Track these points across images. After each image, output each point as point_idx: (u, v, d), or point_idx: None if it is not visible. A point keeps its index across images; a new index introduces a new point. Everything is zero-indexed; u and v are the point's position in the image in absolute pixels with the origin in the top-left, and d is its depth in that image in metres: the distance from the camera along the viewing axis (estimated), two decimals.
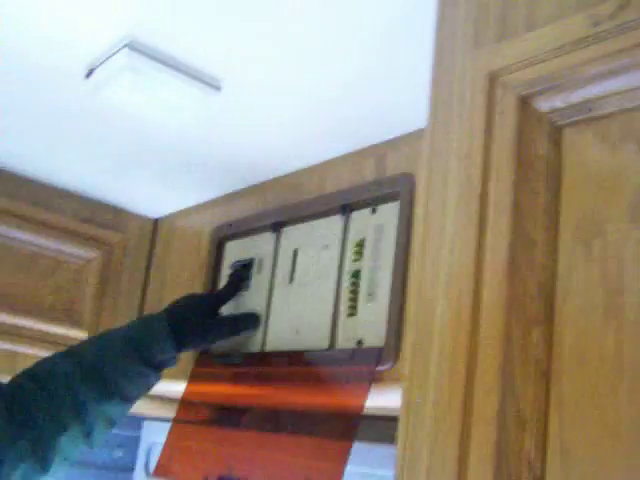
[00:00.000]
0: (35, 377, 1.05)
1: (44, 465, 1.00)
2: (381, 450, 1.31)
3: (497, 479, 0.56)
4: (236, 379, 1.31)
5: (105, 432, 1.08)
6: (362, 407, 1.06)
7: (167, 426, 1.79)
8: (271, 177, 1.33)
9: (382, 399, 1.04)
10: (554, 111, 0.62)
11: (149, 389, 1.15)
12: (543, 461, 0.56)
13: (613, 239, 0.56)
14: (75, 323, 1.50)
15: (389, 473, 1.23)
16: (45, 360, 1.09)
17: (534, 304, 0.59)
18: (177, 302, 1.22)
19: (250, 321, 1.25)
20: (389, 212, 1.09)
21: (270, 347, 1.24)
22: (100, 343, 1.12)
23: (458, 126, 0.68)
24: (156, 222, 1.65)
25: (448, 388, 0.61)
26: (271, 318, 1.25)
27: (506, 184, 0.62)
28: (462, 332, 0.61)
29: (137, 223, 1.63)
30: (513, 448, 0.57)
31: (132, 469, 1.88)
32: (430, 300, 0.66)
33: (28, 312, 1.46)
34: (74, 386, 1.04)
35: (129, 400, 1.10)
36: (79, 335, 1.50)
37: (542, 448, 0.56)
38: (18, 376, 1.06)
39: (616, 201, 0.57)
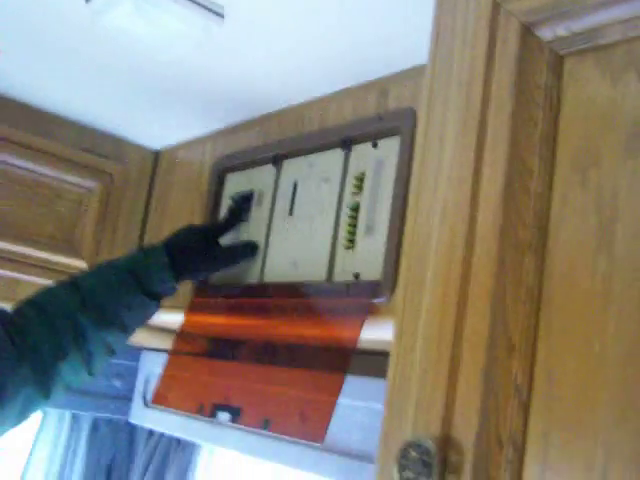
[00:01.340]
0: (37, 305, 1.07)
1: (45, 390, 1.02)
2: (377, 384, 1.33)
3: (485, 403, 0.58)
4: (234, 310, 1.33)
5: (104, 360, 1.11)
6: (357, 340, 1.07)
7: (164, 357, 1.82)
8: (273, 110, 1.32)
9: (378, 332, 1.05)
10: (556, 40, 0.61)
11: (148, 318, 1.17)
12: (530, 386, 0.57)
13: (608, 169, 0.56)
14: (75, 252, 1.51)
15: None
16: (47, 289, 1.11)
17: (528, 231, 0.59)
18: (177, 233, 1.23)
19: (248, 250, 1.27)
20: (390, 147, 1.09)
21: (268, 279, 1.25)
22: (100, 273, 1.14)
23: (460, 54, 0.68)
24: (157, 153, 1.65)
25: (440, 314, 0.62)
26: (270, 250, 1.26)
27: (505, 112, 0.62)
28: (456, 258, 0.62)
29: (138, 154, 1.62)
30: (501, 373, 0.58)
31: (130, 398, 1.92)
32: (426, 227, 0.66)
33: (28, 240, 1.46)
34: (74, 314, 1.06)
35: (128, 329, 1.12)
36: (79, 264, 1.51)
37: (529, 374, 0.57)
38: (20, 304, 1.08)
39: (613, 132, 0.57)
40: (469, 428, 0.58)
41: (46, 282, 1.45)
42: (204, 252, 1.21)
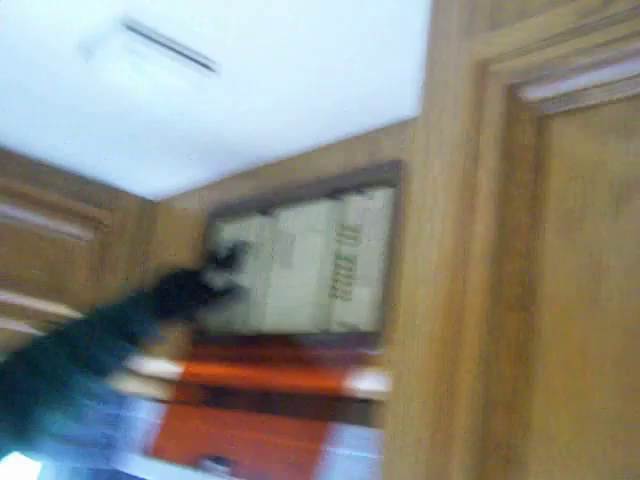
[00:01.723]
0: (22, 355, 1.06)
1: (23, 436, 1.01)
2: (367, 433, 1.32)
3: (473, 462, 0.58)
4: (228, 360, 1.32)
5: (86, 407, 1.09)
6: (347, 389, 1.07)
7: (154, 404, 1.81)
8: (264, 161, 1.34)
9: (372, 383, 1.05)
10: (541, 101, 0.63)
11: (128, 363, 1.16)
12: (525, 446, 0.57)
13: (594, 229, 0.57)
14: (65, 300, 1.51)
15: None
16: (34, 338, 1.10)
17: (515, 289, 0.60)
18: (163, 274, 1.22)
19: (234, 293, 1.27)
20: (380, 197, 1.10)
21: (261, 329, 1.25)
22: (85, 321, 1.13)
23: (448, 114, 0.69)
24: (150, 203, 1.66)
25: (428, 370, 0.63)
26: (262, 300, 1.26)
27: (491, 172, 0.63)
28: (444, 316, 0.62)
29: (131, 203, 1.63)
30: (490, 431, 0.58)
31: (119, 447, 1.90)
32: (415, 283, 0.67)
33: (18, 289, 1.46)
34: (58, 364, 1.05)
35: (108, 373, 1.11)
36: (69, 312, 1.50)
37: (524, 433, 0.57)
38: (7, 354, 1.07)
39: (599, 192, 0.58)
40: None
41: (35, 330, 1.46)
42: (191, 295, 1.21)
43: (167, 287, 1.19)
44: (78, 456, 1.85)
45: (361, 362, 1.04)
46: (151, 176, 1.55)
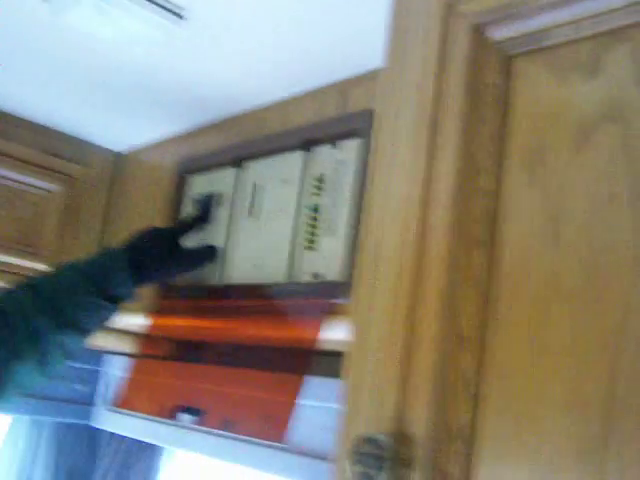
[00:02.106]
0: None
1: None
2: (339, 385, 1.34)
3: (435, 397, 0.59)
4: (197, 313, 1.33)
5: (61, 363, 1.08)
6: (317, 341, 1.08)
7: (126, 360, 1.81)
8: (234, 112, 1.33)
9: (339, 333, 1.05)
10: (506, 40, 0.63)
11: (105, 321, 1.15)
12: (480, 379, 0.58)
13: (555, 166, 0.57)
14: (36, 255, 1.50)
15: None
16: (4, 291, 1.09)
17: (479, 227, 0.60)
18: (139, 236, 1.22)
19: (208, 254, 1.26)
20: (350, 148, 1.10)
21: (230, 280, 1.25)
22: (59, 275, 1.12)
23: (413, 56, 0.69)
24: (119, 155, 1.64)
25: (392, 310, 0.63)
26: (231, 252, 1.26)
27: (456, 112, 0.63)
28: (409, 255, 0.63)
29: (100, 156, 1.62)
30: (452, 365, 0.59)
31: (92, 402, 1.90)
32: (380, 225, 0.67)
33: None
34: (30, 315, 1.04)
35: (85, 332, 1.10)
36: (40, 267, 1.50)
37: (479, 367, 0.58)
38: None
39: (560, 129, 0.58)
40: (420, 421, 0.59)
41: (6, 285, 1.45)
42: (166, 256, 1.20)
43: (142, 247, 1.18)
44: (51, 411, 1.85)
45: (330, 312, 1.04)
46: (121, 129, 1.53)
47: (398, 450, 0.59)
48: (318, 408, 1.33)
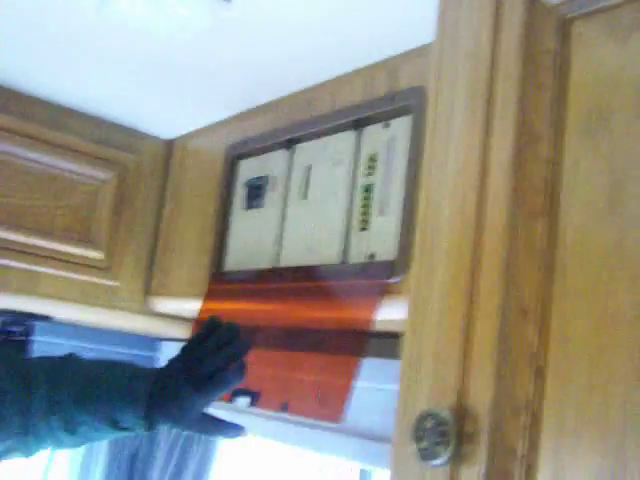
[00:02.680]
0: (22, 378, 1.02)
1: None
2: (395, 366, 1.33)
3: (499, 370, 0.58)
4: (250, 296, 1.33)
5: (47, 448, 1.06)
6: (372, 321, 1.07)
7: (176, 345, 1.83)
8: (284, 94, 1.32)
9: (395, 313, 1.05)
10: (563, 3, 0.61)
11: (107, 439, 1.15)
12: (545, 351, 0.57)
13: (618, 131, 0.56)
14: (91, 244, 1.52)
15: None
16: (33, 366, 1.05)
17: (539, 197, 0.59)
18: (162, 370, 1.07)
19: (232, 431, 1.09)
20: (401, 126, 1.09)
21: (283, 263, 1.25)
22: (83, 397, 1.03)
23: (466, 25, 0.68)
24: (170, 142, 1.65)
25: (453, 284, 0.62)
26: (285, 234, 1.26)
27: (513, 79, 0.62)
28: (468, 227, 0.62)
29: (151, 144, 1.63)
30: (515, 338, 0.57)
31: None
32: (438, 199, 0.66)
33: (44, 232, 1.47)
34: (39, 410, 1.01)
35: (84, 441, 1.06)
36: (95, 255, 1.52)
37: (544, 339, 0.57)
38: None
39: (622, 93, 0.56)
40: (484, 396, 0.58)
41: (64, 274, 1.48)
42: (187, 417, 1.04)
43: (162, 397, 1.02)
44: None
45: (385, 292, 1.03)
46: (171, 116, 1.54)
47: (461, 425, 0.58)
48: (374, 390, 1.32)
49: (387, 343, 1.26)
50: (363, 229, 1.11)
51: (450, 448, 0.58)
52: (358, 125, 1.16)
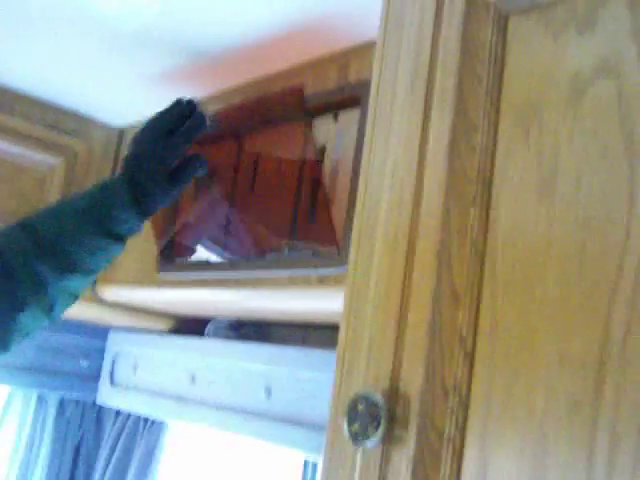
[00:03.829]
0: None
1: (3, 345, 0.96)
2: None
3: (430, 354, 0.59)
4: (202, 284, 1.33)
5: (67, 306, 1.03)
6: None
7: (132, 336, 1.82)
8: (234, 83, 1.32)
9: (340, 303, 1.06)
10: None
11: (112, 260, 1.07)
12: (475, 336, 0.58)
13: (549, 123, 0.57)
14: None
15: None
16: (0, 233, 1.01)
17: (472, 186, 0.60)
18: (133, 160, 1.07)
19: (198, 163, 1.08)
20: (350, 119, 1.10)
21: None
22: (57, 214, 1.03)
23: (409, 18, 0.69)
24: (121, 131, 1.64)
25: (388, 269, 0.63)
26: (233, 224, 1.26)
27: (451, 72, 0.63)
28: (404, 216, 0.63)
29: (102, 131, 1.62)
30: (447, 323, 0.59)
31: (97, 378, 1.91)
32: (376, 189, 0.67)
33: None
34: (32, 263, 0.97)
35: (91, 273, 1.03)
36: None
37: (474, 324, 0.58)
38: None
39: (554, 87, 0.58)
40: (415, 379, 0.59)
41: None
42: (167, 182, 1.05)
43: (141, 175, 1.04)
44: (57, 386, 1.87)
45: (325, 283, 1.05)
46: (121, 104, 1.53)
47: (394, 408, 0.60)
48: (319, 380, 1.33)
49: (332, 335, 1.27)
50: (310, 221, 1.11)
51: (381, 430, 0.59)
52: (308, 117, 1.16)
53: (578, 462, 0.50)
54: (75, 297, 1.03)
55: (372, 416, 0.60)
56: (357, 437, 0.60)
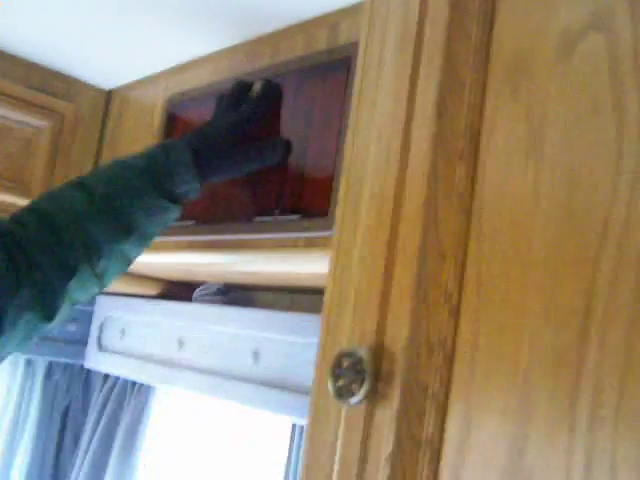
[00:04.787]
0: (41, 214, 0.92)
1: (50, 313, 0.89)
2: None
3: (415, 310, 0.59)
4: (189, 248, 1.32)
5: (120, 272, 0.98)
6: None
7: (120, 300, 1.82)
8: (225, 45, 1.31)
9: (324, 267, 1.06)
10: None
11: (170, 224, 1.03)
12: (460, 292, 0.58)
13: (538, 79, 0.57)
14: (24, 192, 1.49)
15: None
16: (52, 193, 0.96)
17: (460, 142, 0.60)
18: (201, 127, 1.07)
19: (280, 149, 1.08)
20: (340, 80, 1.08)
21: None
22: (114, 174, 0.98)
23: None
24: (109, 93, 1.62)
25: (375, 226, 0.63)
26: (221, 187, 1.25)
27: (440, 27, 0.62)
28: (391, 171, 0.63)
29: (90, 93, 1.60)
30: (432, 279, 0.59)
31: (85, 343, 1.91)
32: (364, 145, 0.67)
33: None
34: (85, 224, 0.91)
35: (148, 237, 0.99)
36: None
37: (460, 280, 0.58)
38: (21, 212, 0.94)
39: (544, 41, 0.57)
40: (400, 335, 0.59)
41: None
42: (233, 149, 1.04)
43: (206, 138, 1.03)
44: (45, 350, 1.86)
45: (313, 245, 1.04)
46: (109, 66, 1.51)
47: (379, 364, 0.60)
48: (307, 345, 1.33)
49: (320, 299, 1.27)
50: (297, 182, 1.11)
51: (366, 387, 0.59)
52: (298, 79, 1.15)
53: (561, 415, 0.50)
54: (128, 263, 0.99)
55: (357, 372, 0.60)
56: (341, 393, 0.60)
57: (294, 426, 1.44)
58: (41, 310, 0.87)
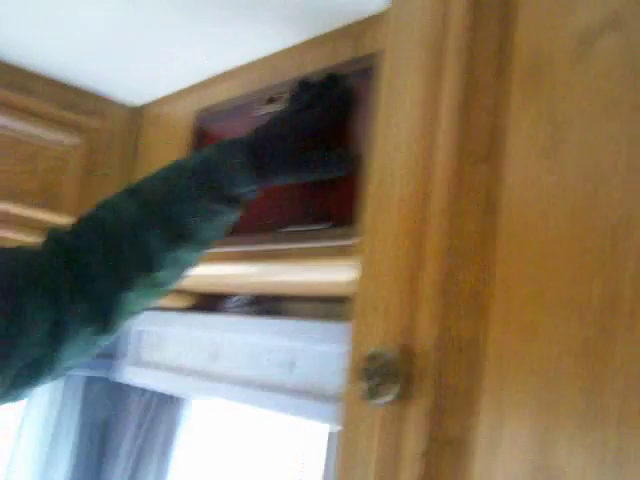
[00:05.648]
0: (96, 224, 0.90)
1: (108, 325, 0.87)
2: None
3: (444, 310, 0.60)
4: (220, 259, 1.34)
5: (178, 280, 0.95)
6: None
7: (154, 314, 1.84)
8: (248, 60, 1.33)
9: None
10: None
11: (228, 228, 0.99)
12: (487, 290, 0.59)
13: (556, 78, 0.57)
14: (57, 209, 1.52)
15: None
16: (106, 202, 0.94)
17: (483, 143, 0.61)
18: (263, 126, 1.02)
19: (344, 162, 1.02)
20: (363, 89, 1.10)
21: None
22: (167, 177, 0.95)
23: None
24: (140, 109, 1.65)
25: (402, 227, 0.64)
26: None
27: (460, 30, 0.63)
28: (414, 176, 0.64)
29: (120, 110, 1.63)
30: (460, 280, 0.60)
31: (121, 357, 1.94)
32: (390, 150, 0.68)
33: (9, 197, 1.47)
34: (139, 234, 0.89)
35: (205, 242, 0.95)
36: (62, 221, 1.52)
37: (487, 279, 0.59)
38: (77, 222, 0.92)
39: (562, 41, 0.58)
40: (429, 336, 0.60)
41: (29, 240, 1.48)
42: (296, 154, 0.99)
43: (265, 140, 0.98)
44: (82, 365, 1.89)
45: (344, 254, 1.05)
46: (141, 83, 1.54)
47: (409, 365, 0.60)
48: (339, 354, 1.34)
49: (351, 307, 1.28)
50: (324, 192, 1.12)
51: (397, 387, 0.60)
52: None
53: (592, 410, 0.50)
54: (186, 270, 0.96)
55: (387, 374, 0.61)
56: (373, 394, 0.61)
57: (331, 434, 1.44)
58: (99, 322, 0.86)
